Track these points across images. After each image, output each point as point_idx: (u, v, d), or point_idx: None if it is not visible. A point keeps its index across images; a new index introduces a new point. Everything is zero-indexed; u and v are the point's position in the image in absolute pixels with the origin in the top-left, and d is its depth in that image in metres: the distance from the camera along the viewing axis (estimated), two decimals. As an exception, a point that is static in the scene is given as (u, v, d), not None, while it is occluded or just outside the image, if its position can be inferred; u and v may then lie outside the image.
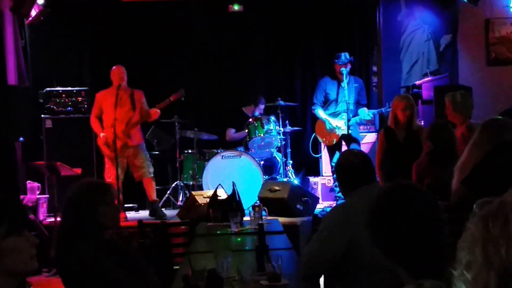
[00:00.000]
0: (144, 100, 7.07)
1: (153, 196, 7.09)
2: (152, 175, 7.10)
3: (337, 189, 6.90)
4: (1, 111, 6.58)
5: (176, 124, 7.73)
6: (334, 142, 7.19)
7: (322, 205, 7.40)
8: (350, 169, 3.07)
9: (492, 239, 1.12)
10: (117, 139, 6.67)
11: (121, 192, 6.70)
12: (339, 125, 7.06)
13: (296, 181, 7.54)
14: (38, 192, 7.06)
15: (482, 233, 1.14)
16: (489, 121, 3.92)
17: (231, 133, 8.25)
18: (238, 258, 3.20)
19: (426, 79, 7.75)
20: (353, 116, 7.06)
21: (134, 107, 6.95)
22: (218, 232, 4.49)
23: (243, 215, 4.94)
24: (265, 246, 3.02)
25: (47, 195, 7.05)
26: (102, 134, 6.83)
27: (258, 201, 6.23)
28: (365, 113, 7.10)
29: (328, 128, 7.14)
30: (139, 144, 7.05)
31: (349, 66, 7.02)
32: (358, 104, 7.19)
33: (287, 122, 7.87)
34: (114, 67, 7.02)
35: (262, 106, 8.06)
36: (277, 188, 6.67)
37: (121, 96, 6.83)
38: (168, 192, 7.78)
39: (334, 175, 6.78)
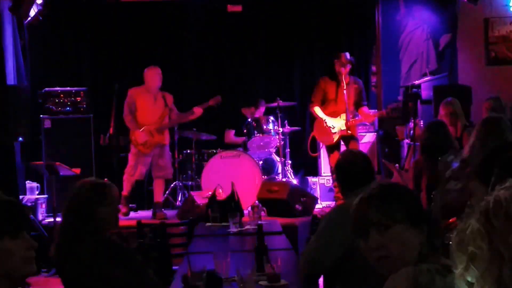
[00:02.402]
0: (173, 102, 7.20)
1: (160, 197, 7.14)
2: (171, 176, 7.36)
3: (336, 189, 6.88)
4: (0, 111, 6.58)
5: (175, 124, 7.72)
6: (334, 142, 7.15)
7: (321, 205, 7.40)
8: (350, 169, 3.07)
9: (497, 231, 1.14)
10: (151, 138, 6.90)
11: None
12: (338, 125, 7.02)
13: (295, 181, 7.53)
14: (37, 192, 7.06)
15: (486, 227, 1.16)
16: (487, 119, 3.93)
17: (231, 135, 8.22)
18: (237, 259, 3.20)
19: (425, 78, 7.75)
20: (353, 117, 7.03)
21: (166, 108, 7.07)
22: (217, 232, 4.49)
23: (242, 215, 4.94)
24: (264, 247, 3.02)
25: (46, 195, 7.04)
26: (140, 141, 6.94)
27: (257, 201, 6.23)
28: (366, 113, 7.09)
29: (329, 125, 7.04)
30: (167, 144, 7.17)
31: (349, 67, 6.98)
32: (357, 105, 7.17)
33: (286, 122, 7.86)
34: (152, 67, 7.09)
35: (262, 109, 8.03)
36: (276, 188, 6.66)
37: (157, 96, 7.02)
38: (167, 192, 7.77)
39: (333, 175, 6.79)
